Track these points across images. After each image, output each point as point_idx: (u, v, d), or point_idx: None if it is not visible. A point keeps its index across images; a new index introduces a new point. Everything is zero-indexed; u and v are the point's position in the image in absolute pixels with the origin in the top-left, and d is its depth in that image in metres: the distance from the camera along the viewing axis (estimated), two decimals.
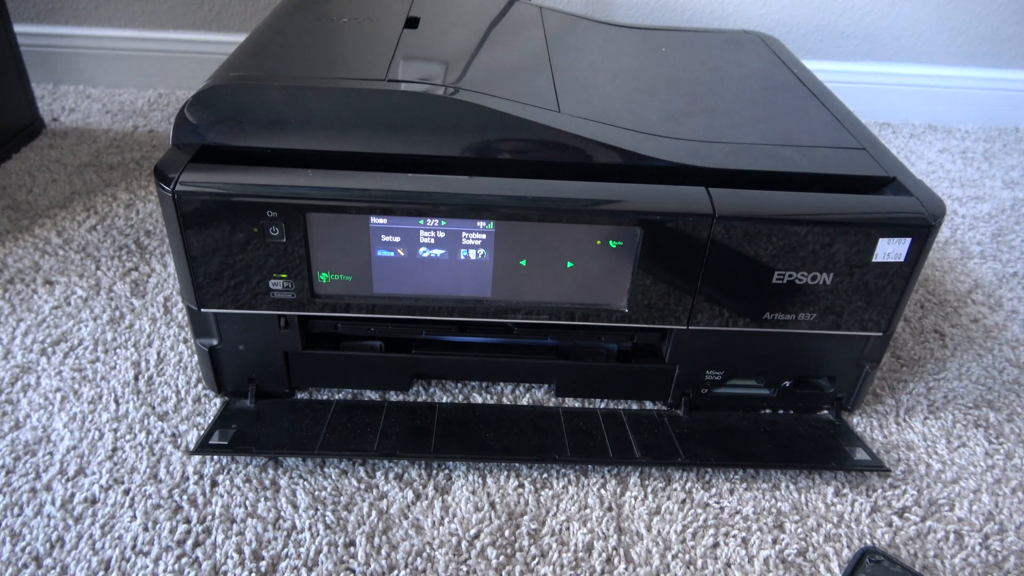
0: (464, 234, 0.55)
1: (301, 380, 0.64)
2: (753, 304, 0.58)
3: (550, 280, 0.56)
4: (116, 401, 0.63)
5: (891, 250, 0.55)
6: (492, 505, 0.56)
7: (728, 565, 0.53)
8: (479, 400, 0.66)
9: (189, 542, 0.52)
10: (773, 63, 0.73)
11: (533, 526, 0.55)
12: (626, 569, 0.52)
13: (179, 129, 0.54)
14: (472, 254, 0.55)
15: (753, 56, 0.75)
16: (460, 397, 0.66)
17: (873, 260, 0.56)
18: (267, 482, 0.56)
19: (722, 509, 0.57)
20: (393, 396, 0.65)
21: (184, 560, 0.51)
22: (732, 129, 0.61)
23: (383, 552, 0.52)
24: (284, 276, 0.55)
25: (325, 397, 0.65)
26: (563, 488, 0.58)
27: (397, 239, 0.55)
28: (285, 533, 0.53)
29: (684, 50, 0.75)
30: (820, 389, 0.64)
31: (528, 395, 0.66)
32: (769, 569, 0.53)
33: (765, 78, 0.70)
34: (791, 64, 0.73)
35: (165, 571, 0.50)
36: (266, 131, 0.54)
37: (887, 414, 0.67)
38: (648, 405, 0.66)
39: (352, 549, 0.52)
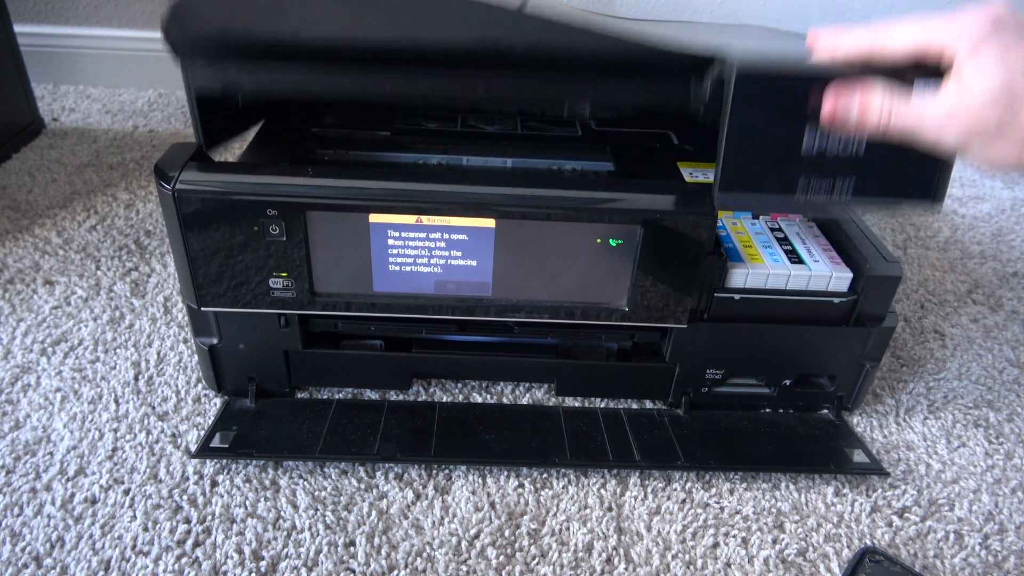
0: (464, 234, 0.55)
1: (301, 379, 0.64)
2: None
3: (550, 279, 0.56)
4: (116, 401, 0.63)
5: None
6: (492, 505, 0.56)
7: (728, 565, 0.53)
8: (479, 400, 0.66)
9: (189, 542, 0.52)
10: None
11: (533, 526, 0.55)
12: (626, 569, 0.52)
13: (170, 30, 0.50)
14: (472, 253, 0.55)
15: None
16: (460, 396, 0.66)
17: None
18: (267, 482, 0.56)
19: (722, 509, 0.57)
20: (393, 395, 0.65)
21: (184, 560, 0.51)
22: None
23: (383, 552, 0.52)
24: (284, 275, 0.55)
25: (325, 396, 0.65)
26: (563, 488, 0.58)
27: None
28: (285, 533, 0.53)
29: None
30: (820, 388, 0.64)
31: (528, 394, 0.66)
32: (769, 569, 0.53)
33: None
34: None
35: (165, 571, 0.50)
36: (259, 25, 0.49)
37: (887, 414, 0.67)
38: (648, 404, 0.66)
39: (352, 549, 0.52)
